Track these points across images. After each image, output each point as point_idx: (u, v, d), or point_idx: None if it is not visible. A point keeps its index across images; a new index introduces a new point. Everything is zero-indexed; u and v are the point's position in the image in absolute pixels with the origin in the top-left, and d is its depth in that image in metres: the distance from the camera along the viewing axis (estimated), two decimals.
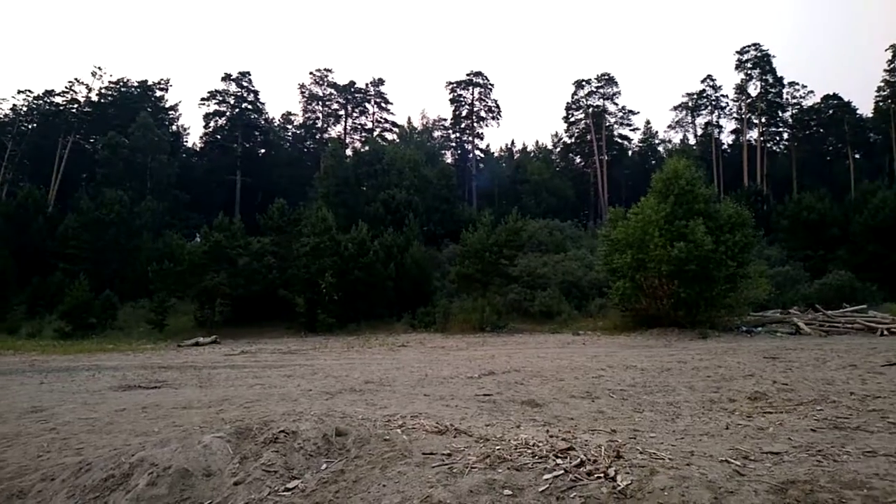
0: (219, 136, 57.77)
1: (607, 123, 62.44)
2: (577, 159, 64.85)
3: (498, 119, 63.52)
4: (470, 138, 64.05)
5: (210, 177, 52.79)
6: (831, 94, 58.70)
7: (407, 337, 19.50)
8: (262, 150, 60.12)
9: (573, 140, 64.20)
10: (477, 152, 64.60)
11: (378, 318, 25.90)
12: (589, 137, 61.16)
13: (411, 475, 3.83)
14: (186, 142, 60.31)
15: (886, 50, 55.66)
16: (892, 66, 55.48)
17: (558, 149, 66.20)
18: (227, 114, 57.93)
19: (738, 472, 3.55)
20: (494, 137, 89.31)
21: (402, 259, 28.49)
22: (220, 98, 57.73)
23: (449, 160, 61.50)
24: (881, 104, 56.74)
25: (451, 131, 65.99)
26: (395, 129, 62.83)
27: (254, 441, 4.66)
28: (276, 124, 63.42)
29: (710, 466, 3.65)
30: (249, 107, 58.59)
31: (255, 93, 58.63)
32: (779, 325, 19.76)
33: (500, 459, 3.84)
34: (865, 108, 59.14)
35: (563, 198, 52.31)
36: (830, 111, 58.34)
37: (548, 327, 21.52)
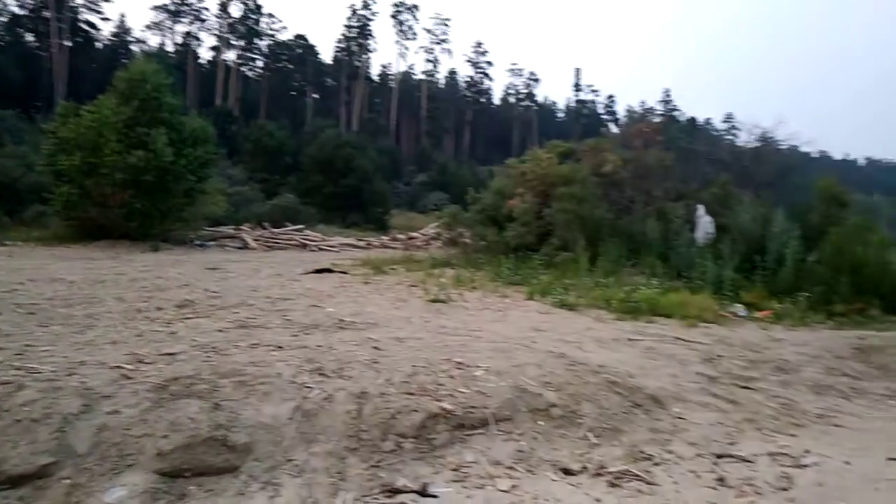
0: None
1: (72, 3, 53.29)
2: (31, 38, 53.42)
3: None
4: None
5: None
6: (301, 34, 65.02)
7: None
8: None
9: (25, 13, 52.44)
10: None
11: None
12: (47, 14, 51.00)
13: None
14: None
15: (348, 8, 65.03)
16: (350, 21, 65.10)
17: (4, 19, 53.07)
18: None
19: (126, 376, 3.49)
20: None
21: None
22: None
23: None
24: (338, 55, 66.16)
25: None
26: None
27: None
28: None
29: (96, 374, 3.47)
30: None
31: None
32: (230, 240, 21.05)
33: None
34: (328, 55, 67.75)
35: (7, 80, 42.52)
36: (299, 50, 64.61)
37: None
